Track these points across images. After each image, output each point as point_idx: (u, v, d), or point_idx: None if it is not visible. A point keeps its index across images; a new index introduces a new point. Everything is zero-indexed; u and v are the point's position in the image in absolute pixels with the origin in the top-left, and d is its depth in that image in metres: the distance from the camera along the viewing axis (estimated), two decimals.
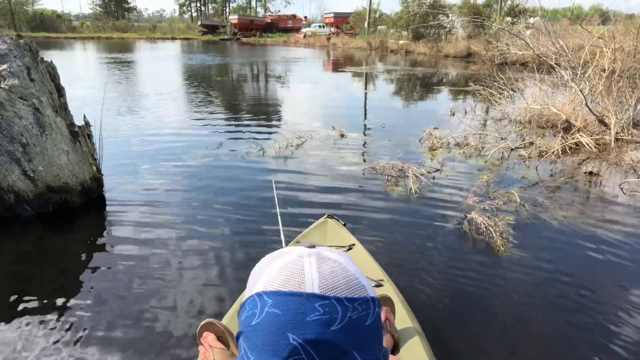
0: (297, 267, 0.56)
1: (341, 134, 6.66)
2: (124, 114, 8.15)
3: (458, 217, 3.77)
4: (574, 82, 7.33)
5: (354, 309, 0.54)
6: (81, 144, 3.95)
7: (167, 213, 3.88)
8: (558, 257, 3.19)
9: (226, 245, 3.28)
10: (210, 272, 2.90)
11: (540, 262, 3.11)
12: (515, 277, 2.93)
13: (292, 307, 0.52)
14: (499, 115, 8.28)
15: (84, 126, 4.05)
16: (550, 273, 2.98)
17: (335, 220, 2.65)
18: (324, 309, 0.52)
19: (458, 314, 2.54)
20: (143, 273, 2.92)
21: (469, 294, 2.73)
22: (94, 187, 4.07)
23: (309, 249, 0.59)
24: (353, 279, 0.56)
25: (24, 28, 50.05)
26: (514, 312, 2.58)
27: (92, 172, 4.04)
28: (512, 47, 9.78)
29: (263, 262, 0.61)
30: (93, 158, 4.11)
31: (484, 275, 2.95)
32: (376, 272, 2.20)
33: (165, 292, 2.68)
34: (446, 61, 23.35)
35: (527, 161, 5.51)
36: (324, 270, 0.55)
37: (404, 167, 4.92)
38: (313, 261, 0.56)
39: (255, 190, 4.41)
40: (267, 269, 0.58)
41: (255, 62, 22.65)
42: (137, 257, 3.14)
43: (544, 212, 3.93)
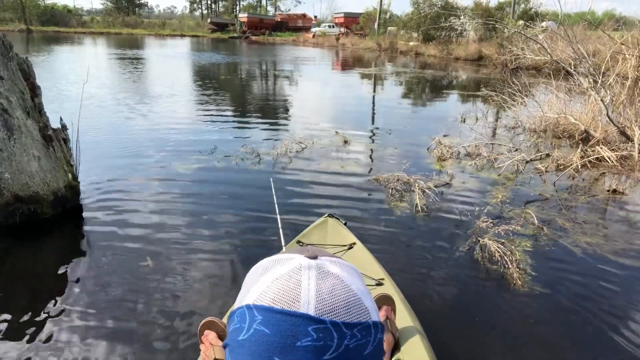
0: (293, 282, 0.49)
1: (344, 140, 6.27)
2: (110, 115, 7.71)
3: (469, 241, 3.37)
4: (593, 90, 6.89)
5: (353, 335, 0.47)
6: (55, 149, 3.60)
7: (154, 222, 3.56)
8: (582, 294, 2.78)
9: (222, 249, 3.12)
10: (204, 280, 2.78)
11: (562, 298, 2.71)
12: (534, 317, 2.53)
13: (283, 328, 0.46)
14: (512, 123, 7.85)
15: (59, 129, 3.70)
16: (573, 312, 2.58)
17: (336, 219, 2.62)
18: (318, 334, 0.46)
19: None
20: (126, 288, 2.69)
21: (481, 333, 2.35)
22: (69, 196, 3.72)
23: (310, 259, 0.51)
24: (355, 301, 0.49)
25: (35, 22, 50.17)
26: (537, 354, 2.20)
27: (66, 180, 3.69)
28: (527, 51, 9.32)
29: (259, 267, 0.54)
30: (69, 164, 3.75)
31: (499, 313, 2.56)
32: (377, 271, 2.19)
33: (155, 306, 2.52)
34: (457, 64, 22.86)
35: (544, 175, 5.09)
36: (323, 288, 0.48)
37: (410, 180, 4.52)
38: (312, 276, 0.49)
39: (249, 198, 4.06)
40: (262, 278, 0.51)
41: (262, 62, 22.31)
42: (116, 271, 2.85)
43: (564, 237, 3.52)
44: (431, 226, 3.66)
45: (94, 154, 5.24)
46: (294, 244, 2.39)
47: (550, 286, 2.83)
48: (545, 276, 2.94)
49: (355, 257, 2.32)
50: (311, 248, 0.55)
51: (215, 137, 6.29)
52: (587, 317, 2.56)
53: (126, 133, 6.43)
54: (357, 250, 2.36)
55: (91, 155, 5.08)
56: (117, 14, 63.30)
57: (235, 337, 0.49)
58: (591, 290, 2.83)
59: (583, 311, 2.61)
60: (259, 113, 8.70)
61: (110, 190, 4.15)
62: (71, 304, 2.53)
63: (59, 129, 3.70)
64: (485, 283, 2.88)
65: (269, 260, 0.54)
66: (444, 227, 3.64)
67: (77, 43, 31.35)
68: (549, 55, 7.59)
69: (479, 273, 2.98)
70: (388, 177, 4.64)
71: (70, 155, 3.80)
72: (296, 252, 0.53)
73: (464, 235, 3.48)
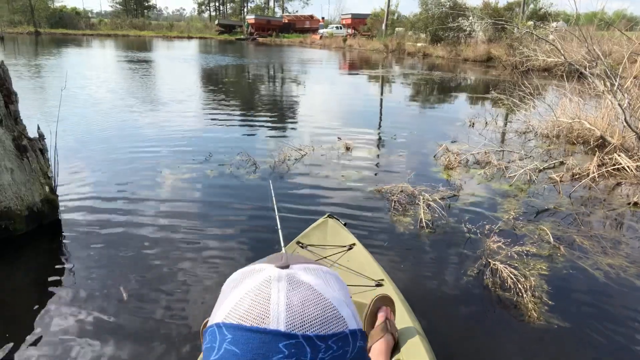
0: (263, 296, 0.46)
1: (347, 146, 5.97)
2: (98, 122, 7.25)
3: (478, 264, 3.06)
4: (610, 94, 6.54)
5: (328, 348, 0.45)
6: (30, 160, 3.34)
7: (143, 236, 3.30)
8: (607, 328, 2.46)
9: (218, 259, 2.86)
10: (197, 290, 2.56)
11: (583, 332, 2.40)
12: (552, 355, 2.23)
13: (253, 347, 0.44)
14: (523, 128, 7.51)
15: (36, 139, 3.44)
16: (596, 350, 2.27)
17: (336, 219, 2.61)
18: (290, 349, 0.43)
19: None
20: (110, 311, 2.48)
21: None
22: (46, 211, 3.46)
23: (280, 269, 0.49)
24: (329, 310, 0.47)
25: (43, 24, 50.50)
26: None
27: (43, 193, 3.43)
28: (539, 52, 8.97)
29: (231, 280, 0.52)
30: (46, 177, 3.49)
31: (513, 352, 2.26)
32: (376, 271, 2.18)
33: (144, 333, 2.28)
34: (465, 65, 22.47)
35: (558, 185, 4.76)
36: (294, 301, 0.46)
37: (415, 191, 4.22)
38: (282, 288, 0.47)
39: (246, 206, 3.78)
40: (232, 294, 0.49)
41: (268, 64, 22.09)
42: (99, 293, 2.63)
43: (583, 257, 3.20)
44: (437, 245, 3.35)
45: (77, 164, 4.96)
46: (294, 245, 2.38)
47: (570, 318, 2.52)
48: (564, 306, 2.63)
49: (355, 257, 2.33)
50: (285, 255, 0.53)
51: (210, 144, 6.01)
52: (614, 357, 2.24)
53: (114, 141, 6.10)
54: (356, 251, 2.36)
55: (73, 166, 4.83)
56: (125, 16, 63.54)
57: (207, 356, 0.47)
58: (617, 322, 2.51)
59: (608, 349, 2.29)
60: (261, 117, 8.43)
61: (93, 204, 3.89)
62: (46, 332, 2.29)
63: (35, 139, 3.44)
64: (496, 314, 2.57)
65: (241, 272, 0.52)
66: (451, 247, 3.33)
67: (84, 45, 31.39)
68: (562, 56, 7.23)
69: (489, 301, 2.67)
70: (391, 188, 4.34)
71: (48, 166, 3.54)
72: (268, 262, 0.51)
73: (472, 257, 3.17)
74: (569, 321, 2.49)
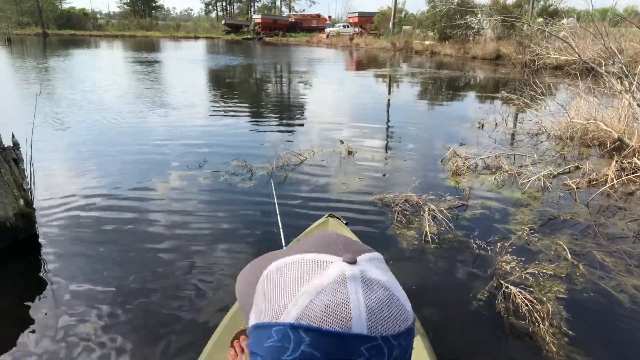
0: (341, 297, 0.44)
1: (349, 150, 5.69)
2: (78, 129, 6.81)
3: (489, 286, 2.76)
4: (627, 93, 6.20)
5: (399, 345, 0.45)
6: (2, 171, 3.10)
7: (126, 251, 3.06)
8: None
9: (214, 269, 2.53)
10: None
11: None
12: None
13: (335, 350, 0.43)
14: (535, 129, 7.17)
15: (9, 149, 3.20)
16: None
17: (337, 219, 2.54)
18: (370, 352, 0.43)
19: None
20: (92, 332, 2.29)
21: None
22: (21, 226, 3.22)
23: (350, 265, 0.46)
24: (400, 309, 0.46)
25: (52, 25, 50.70)
26: None
27: (17, 207, 3.19)
28: (551, 50, 8.61)
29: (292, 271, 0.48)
30: (21, 189, 3.25)
31: None
32: None
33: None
34: (474, 63, 22.07)
35: (574, 193, 4.44)
36: (372, 303, 0.45)
37: (419, 201, 3.93)
38: (359, 289, 0.45)
39: (243, 214, 3.52)
40: (302, 289, 0.45)
41: (274, 64, 21.85)
42: (79, 312, 2.42)
43: (606, 277, 2.90)
44: (443, 263, 3.06)
45: (59, 173, 4.72)
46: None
47: (593, 352, 2.22)
48: (586, 337, 2.33)
49: None
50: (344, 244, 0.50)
51: (204, 150, 5.74)
52: None
53: (103, 148, 5.81)
54: None
55: (54, 175, 4.60)
56: (133, 17, 63.64)
57: (276, 355, 0.45)
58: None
59: None
60: (265, 120, 8.17)
61: (74, 217, 3.64)
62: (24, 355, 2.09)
63: (9, 148, 3.20)
64: (509, 345, 2.28)
65: (301, 262, 0.48)
66: (459, 265, 3.04)
67: (92, 46, 31.35)
68: (576, 54, 6.89)
69: (502, 331, 2.38)
70: (394, 197, 4.05)
71: (24, 178, 3.30)
72: (329, 252, 0.49)
73: (482, 277, 2.87)
74: (592, 356, 2.20)
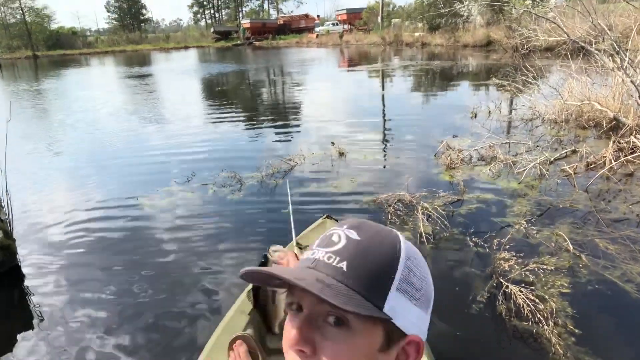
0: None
1: (340, 152, 5.56)
2: (64, 153, 6.64)
3: (488, 286, 2.63)
4: (620, 70, 6.06)
5: None
6: None
7: (116, 279, 2.94)
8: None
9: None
10: None
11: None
12: None
13: None
14: (529, 114, 7.03)
15: None
16: None
17: (334, 220, 2.52)
18: None
19: None
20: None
21: None
22: (1, 258, 3.11)
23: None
24: None
25: (41, 47, 50.64)
26: None
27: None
28: (539, 32, 8.47)
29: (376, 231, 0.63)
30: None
31: None
32: None
33: None
34: (465, 51, 21.92)
35: (573, 178, 4.32)
36: None
37: (413, 200, 3.81)
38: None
39: (233, 232, 3.40)
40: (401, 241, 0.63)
41: (266, 68, 21.74)
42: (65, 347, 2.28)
43: (610, 267, 2.77)
44: (439, 264, 2.94)
45: (41, 202, 4.58)
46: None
47: (603, 350, 2.10)
48: (594, 335, 2.21)
49: None
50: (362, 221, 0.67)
51: (194, 162, 5.64)
52: None
53: (85, 174, 5.58)
54: None
55: (36, 204, 4.46)
56: (122, 32, 63.54)
57: None
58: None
59: None
60: (255, 125, 8.06)
61: (60, 248, 3.51)
62: None
63: None
64: (513, 350, 2.16)
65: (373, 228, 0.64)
66: (456, 265, 2.92)
67: (83, 65, 31.25)
68: (565, 34, 6.75)
69: (504, 334, 2.26)
70: (387, 197, 3.93)
71: (1, 208, 3.20)
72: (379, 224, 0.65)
73: (481, 276, 2.75)
74: (602, 355, 2.07)
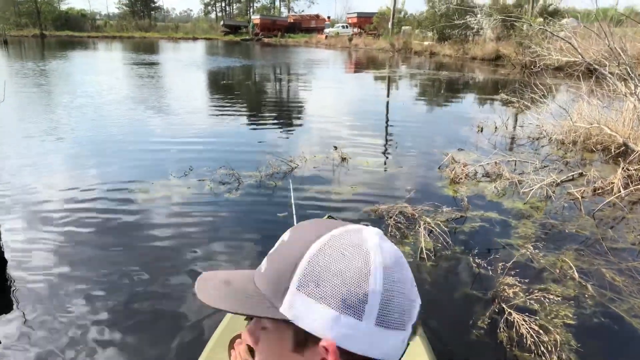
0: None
1: (342, 157, 5.45)
2: (57, 137, 6.37)
3: (490, 311, 2.52)
4: (633, 96, 5.97)
5: None
6: None
7: (115, 272, 2.79)
8: None
9: None
10: None
11: None
12: None
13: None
14: (537, 133, 6.93)
15: None
16: None
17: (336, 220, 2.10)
18: None
19: None
20: None
21: None
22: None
23: (370, 229, 0.57)
24: None
25: (49, 27, 50.41)
26: None
27: None
28: (552, 51, 8.38)
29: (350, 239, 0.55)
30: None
31: None
32: None
33: None
34: (473, 64, 21.84)
35: (579, 202, 4.21)
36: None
37: (415, 213, 3.69)
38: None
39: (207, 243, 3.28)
40: (371, 249, 0.54)
41: (273, 66, 21.62)
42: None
43: (617, 300, 2.66)
44: (439, 283, 2.83)
45: (32, 186, 4.44)
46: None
47: None
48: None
49: None
50: (334, 221, 0.61)
51: (189, 157, 5.51)
52: None
53: (76, 177, 5.46)
54: None
55: (19, 197, 4.26)
56: (132, 18, 63.33)
57: None
58: None
59: None
60: (258, 123, 7.95)
61: (48, 242, 3.40)
62: None
63: None
64: None
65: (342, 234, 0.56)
66: (457, 286, 2.81)
67: (90, 48, 31.06)
68: (579, 55, 6.66)
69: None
70: (388, 208, 3.81)
71: None
72: (346, 224, 0.60)
73: (482, 300, 2.64)
74: None
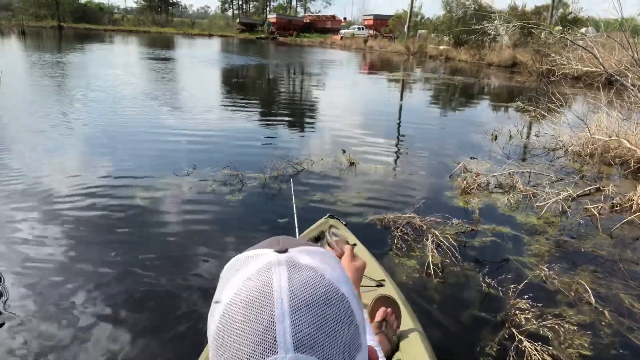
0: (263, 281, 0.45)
1: (350, 161, 5.30)
2: (68, 128, 6.65)
3: (499, 337, 2.35)
4: None
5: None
6: None
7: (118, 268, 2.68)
8: None
9: None
10: None
11: None
12: None
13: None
14: (553, 144, 6.72)
15: None
16: None
17: (337, 219, 2.52)
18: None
19: None
20: None
21: None
22: None
23: (279, 254, 0.48)
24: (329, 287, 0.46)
25: (67, 19, 50.92)
26: None
27: None
28: (572, 60, 8.16)
29: (230, 267, 0.50)
30: None
31: None
32: (377, 272, 2.16)
33: None
34: (489, 70, 21.55)
35: (597, 220, 4.01)
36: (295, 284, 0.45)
37: (423, 225, 3.54)
38: (283, 272, 0.46)
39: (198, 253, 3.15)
40: (232, 280, 0.48)
41: (288, 65, 21.54)
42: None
43: (637, 330, 2.47)
44: (446, 303, 2.66)
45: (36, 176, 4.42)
46: None
47: None
48: None
49: None
50: (281, 239, 0.52)
51: (196, 155, 5.42)
52: None
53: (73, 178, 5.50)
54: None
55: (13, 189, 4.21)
56: (149, 13, 63.75)
57: None
58: None
59: None
60: (269, 123, 7.83)
61: (49, 238, 3.31)
62: None
63: None
64: None
65: (239, 258, 0.51)
66: (465, 306, 2.64)
67: (107, 41, 31.27)
68: (600, 65, 6.44)
69: None
70: (396, 218, 3.66)
71: None
72: (266, 247, 0.50)
73: (492, 323, 2.47)
74: None
